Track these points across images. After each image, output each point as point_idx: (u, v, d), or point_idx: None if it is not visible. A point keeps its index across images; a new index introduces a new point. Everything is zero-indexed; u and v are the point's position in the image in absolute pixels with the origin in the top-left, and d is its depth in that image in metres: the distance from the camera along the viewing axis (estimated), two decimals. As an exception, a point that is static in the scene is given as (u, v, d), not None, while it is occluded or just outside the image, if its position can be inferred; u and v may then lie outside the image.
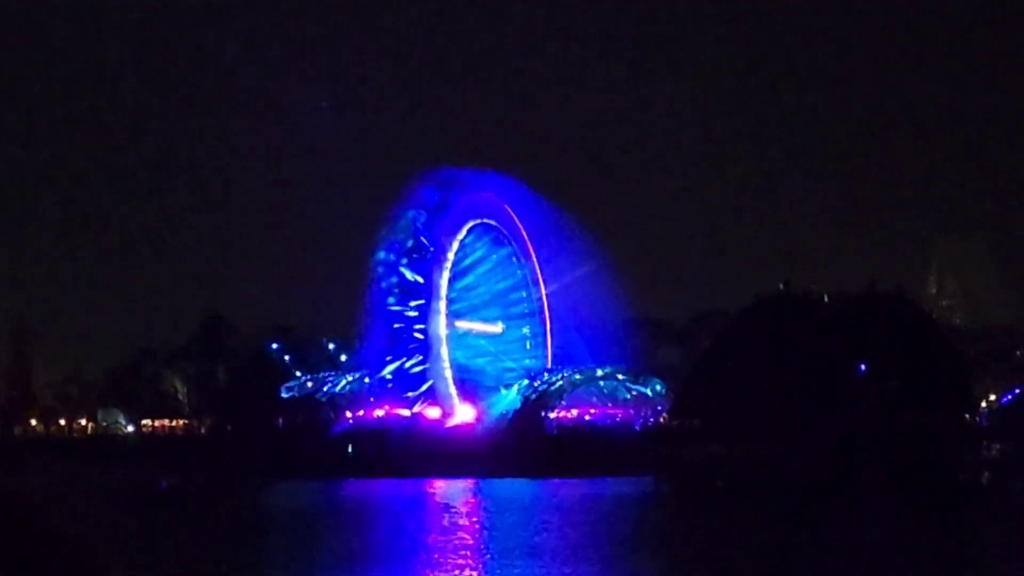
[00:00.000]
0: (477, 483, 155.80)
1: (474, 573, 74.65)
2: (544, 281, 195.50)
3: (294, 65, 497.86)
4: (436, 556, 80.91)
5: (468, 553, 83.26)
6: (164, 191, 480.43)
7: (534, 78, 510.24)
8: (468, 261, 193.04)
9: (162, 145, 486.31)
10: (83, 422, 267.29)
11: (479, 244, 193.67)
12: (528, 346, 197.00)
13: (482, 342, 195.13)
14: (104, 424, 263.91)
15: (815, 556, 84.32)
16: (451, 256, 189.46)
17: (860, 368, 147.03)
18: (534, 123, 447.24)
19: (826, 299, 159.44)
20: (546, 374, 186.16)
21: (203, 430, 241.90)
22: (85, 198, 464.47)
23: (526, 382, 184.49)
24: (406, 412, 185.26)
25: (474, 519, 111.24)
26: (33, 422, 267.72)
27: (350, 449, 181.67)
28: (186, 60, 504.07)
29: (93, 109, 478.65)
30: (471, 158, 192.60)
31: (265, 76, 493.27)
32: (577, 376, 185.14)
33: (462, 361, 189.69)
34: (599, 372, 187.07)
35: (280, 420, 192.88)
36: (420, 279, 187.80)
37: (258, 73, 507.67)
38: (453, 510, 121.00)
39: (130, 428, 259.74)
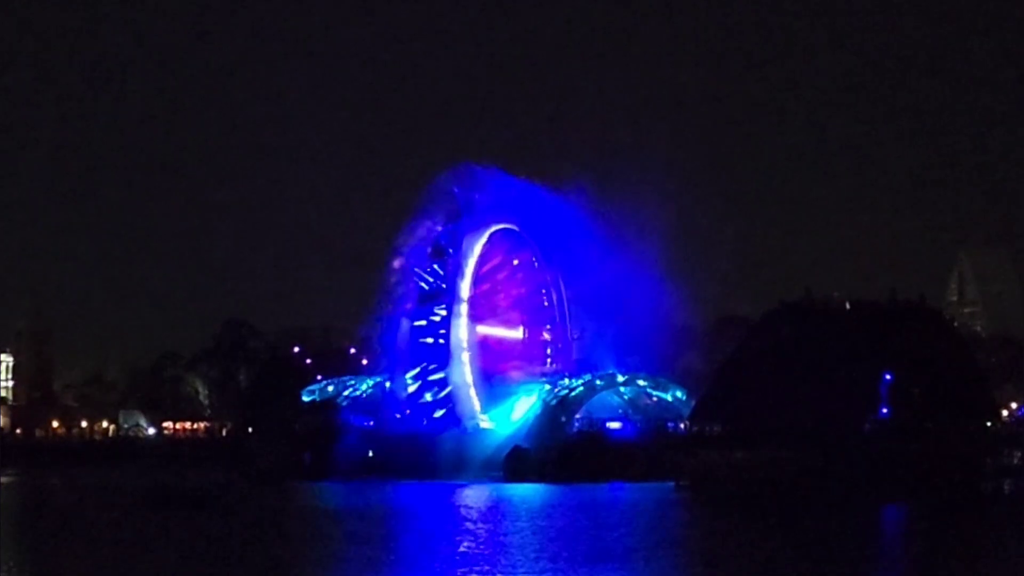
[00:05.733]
0: (498, 488, 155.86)
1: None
2: (565, 286, 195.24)
3: (310, 67, 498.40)
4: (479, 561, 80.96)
5: (500, 557, 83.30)
6: (188, 195, 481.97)
7: (554, 76, 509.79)
8: (489, 265, 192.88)
9: (186, 148, 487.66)
10: (104, 424, 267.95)
11: (500, 248, 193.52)
12: (549, 351, 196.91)
13: (503, 347, 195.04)
14: (125, 427, 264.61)
15: (837, 563, 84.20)
16: (472, 261, 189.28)
17: (882, 375, 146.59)
18: (552, 121, 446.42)
19: (848, 306, 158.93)
20: (567, 379, 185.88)
21: (224, 433, 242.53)
22: (108, 201, 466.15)
23: (547, 387, 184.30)
24: (427, 416, 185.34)
25: (506, 524, 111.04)
26: (55, 424, 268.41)
27: (370, 453, 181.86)
28: (206, 64, 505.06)
29: (115, 112, 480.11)
30: (492, 156, 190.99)
31: (279, 76, 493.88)
32: (598, 382, 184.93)
33: (483, 366, 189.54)
34: (620, 378, 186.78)
35: (300, 423, 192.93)
36: (442, 284, 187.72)
37: (273, 73, 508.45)
38: (479, 514, 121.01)
39: (151, 430, 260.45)
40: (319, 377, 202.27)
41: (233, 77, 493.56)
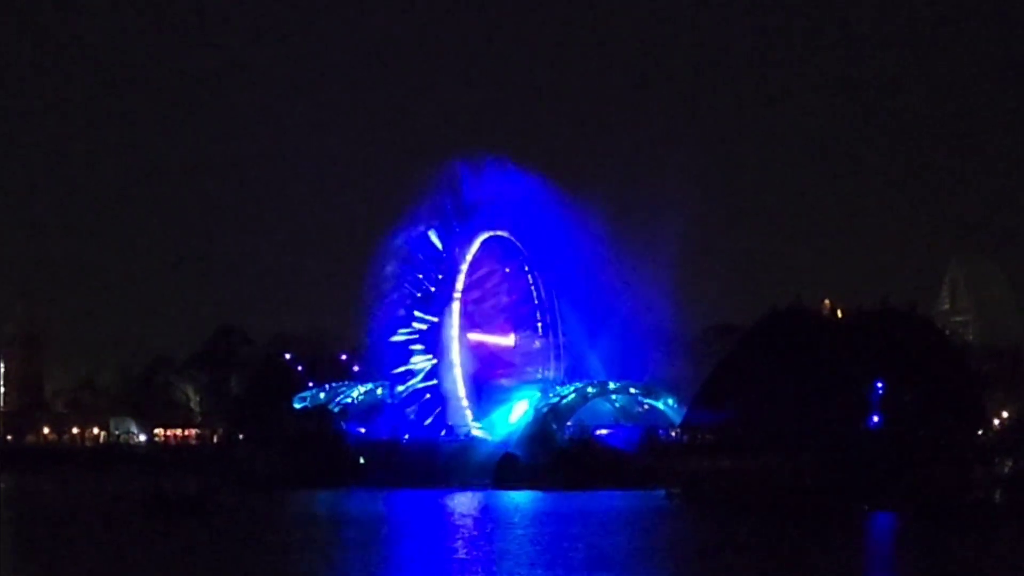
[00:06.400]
0: (489, 495, 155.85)
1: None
2: (557, 294, 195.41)
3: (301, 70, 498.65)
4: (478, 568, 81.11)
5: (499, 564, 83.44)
6: (179, 200, 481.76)
7: (549, 78, 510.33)
8: (480, 272, 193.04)
9: (180, 153, 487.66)
10: (95, 430, 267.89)
11: (492, 256, 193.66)
12: (540, 359, 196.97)
13: (494, 355, 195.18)
14: (116, 433, 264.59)
15: (827, 571, 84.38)
16: (464, 268, 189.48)
17: (873, 383, 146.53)
18: (549, 125, 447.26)
19: (839, 314, 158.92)
20: (558, 387, 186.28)
21: (215, 439, 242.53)
22: (99, 205, 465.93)
23: (538, 395, 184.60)
24: (418, 423, 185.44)
25: (500, 531, 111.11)
26: (45, 430, 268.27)
27: (362, 460, 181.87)
28: (201, 70, 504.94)
29: (108, 116, 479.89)
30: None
31: (274, 82, 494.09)
32: (589, 389, 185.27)
33: (474, 373, 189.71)
34: (611, 385, 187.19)
35: (292, 430, 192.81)
36: (433, 290, 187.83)
37: (268, 79, 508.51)
38: (473, 521, 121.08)
39: (142, 437, 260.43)
40: (311, 384, 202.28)
41: (228, 81, 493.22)
